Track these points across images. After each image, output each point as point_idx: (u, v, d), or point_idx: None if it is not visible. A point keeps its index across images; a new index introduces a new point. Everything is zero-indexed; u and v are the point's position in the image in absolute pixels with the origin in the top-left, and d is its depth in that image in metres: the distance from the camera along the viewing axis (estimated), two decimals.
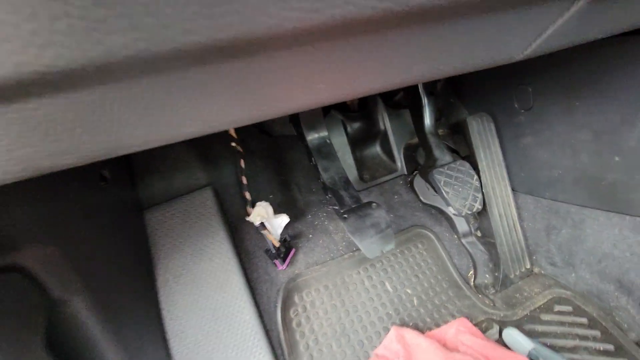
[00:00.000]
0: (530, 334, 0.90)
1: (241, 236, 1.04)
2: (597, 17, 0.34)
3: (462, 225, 1.18)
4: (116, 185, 0.80)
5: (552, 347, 0.86)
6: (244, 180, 1.02)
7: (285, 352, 0.91)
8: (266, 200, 1.00)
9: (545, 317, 0.95)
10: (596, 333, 0.88)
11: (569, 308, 0.95)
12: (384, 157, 1.43)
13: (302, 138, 1.10)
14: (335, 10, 0.22)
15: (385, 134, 1.40)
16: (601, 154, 0.92)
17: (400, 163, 1.38)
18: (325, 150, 1.08)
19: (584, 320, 0.91)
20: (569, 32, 0.35)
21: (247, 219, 0.96)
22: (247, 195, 1.00)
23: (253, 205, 0.99)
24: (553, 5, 0.30)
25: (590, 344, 0.86)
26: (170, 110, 0.28)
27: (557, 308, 0.96)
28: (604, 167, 0.92)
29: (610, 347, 0.85)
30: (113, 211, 0.76)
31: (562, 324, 0.92)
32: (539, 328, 0.92)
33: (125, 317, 0.71)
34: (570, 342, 0.87)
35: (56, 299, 0.57)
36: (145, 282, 0.82)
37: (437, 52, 0.32)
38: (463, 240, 1.18)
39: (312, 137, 1.08)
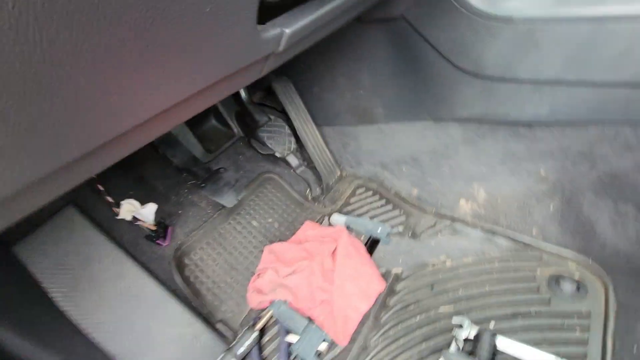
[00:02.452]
0: (346, 213, 1.43)
1: (119, 234, 1.17)
2: (286, 53, 0.69)
3: (293, 161, 1.60)
4: None
5: (357, 215, 1.41)
6: (100, 187, 1.12)
7: (193, 299, 1.18)
8: (128, 198, 1.15)
9: (352, 199, 1.50)
10: (376, 197, 1.48)
11: (363, 189, 1.53)
12: (221, 127, 1.69)
13: None
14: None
15: (215, 107, 1.64)
16: (353, 90, 1.43)
17: (235, 129, 1.67)
18: (168, 139, 1.26)
19: (370, 193, 1.50)
20: (276, 61, 0.69)
21: (118, 217, 1.10)
22: (109, 199, 1.13)
23: (118, 206, 1.13)
24: (257, 65, 0.62)
25: (374, 204, 1.46)
26: None
27: (357, 192, 1.53)
28: (357, 99, 1.44)
29: (383, 202, 1.46)
30: None
31: (360, 200, 1.49)
32: (349, 207, 1.47)
33: (46, 335, 0.83)
34: (365, 208, 1.45)
35: None
36: (45, 305, 0.92)
37: None
38: (297, 171, 1.61)
39: None
